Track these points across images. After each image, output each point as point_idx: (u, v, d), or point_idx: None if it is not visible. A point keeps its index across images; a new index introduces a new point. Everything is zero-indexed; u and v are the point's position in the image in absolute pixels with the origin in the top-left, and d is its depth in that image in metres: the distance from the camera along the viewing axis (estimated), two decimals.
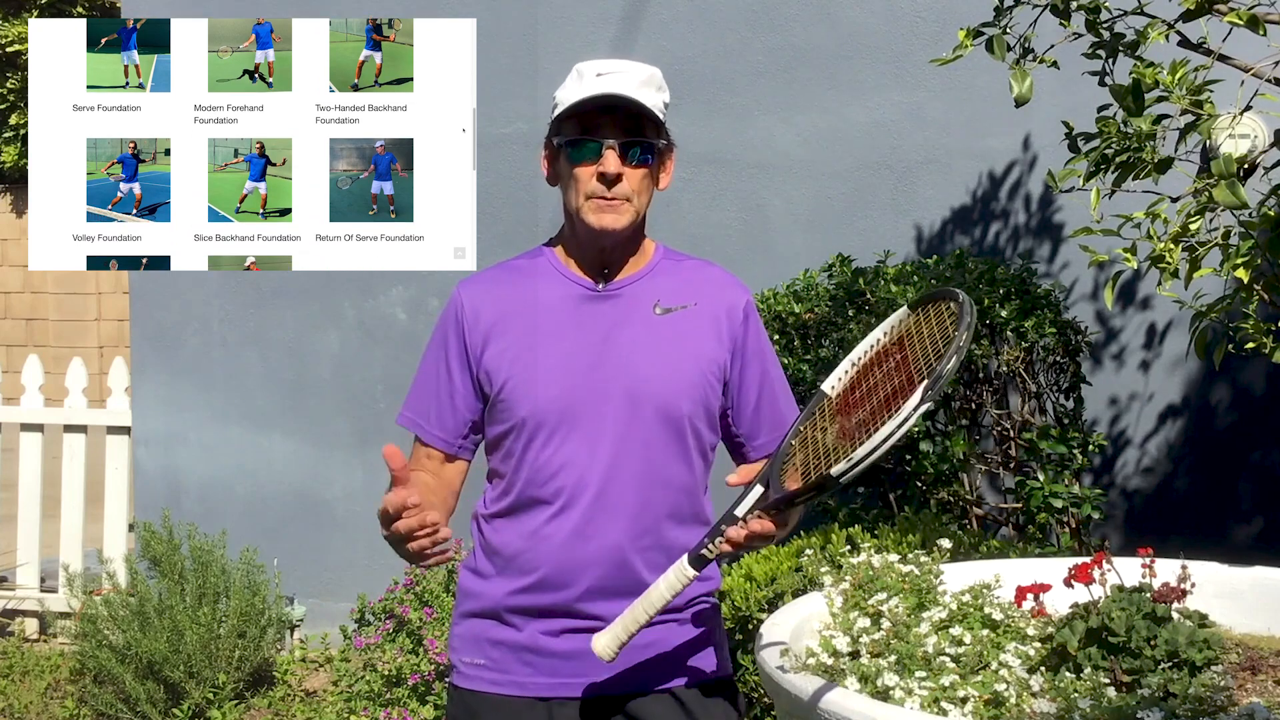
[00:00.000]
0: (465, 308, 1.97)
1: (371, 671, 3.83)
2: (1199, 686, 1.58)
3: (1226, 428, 4.06)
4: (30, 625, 5.24)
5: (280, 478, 5.11)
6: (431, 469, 1.99)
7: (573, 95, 1.88)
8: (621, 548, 1.88)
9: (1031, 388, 3.60)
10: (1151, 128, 2.32)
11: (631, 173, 1.89)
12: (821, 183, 4.44)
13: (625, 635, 1.72)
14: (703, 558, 1.70)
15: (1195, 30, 2.52)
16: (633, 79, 1.88)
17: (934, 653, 1.67)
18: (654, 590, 1.71)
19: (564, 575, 1.89)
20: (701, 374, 1.94)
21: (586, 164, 1.88)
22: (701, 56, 4.53)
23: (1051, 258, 4.17)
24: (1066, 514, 3.36)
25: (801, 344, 3.74)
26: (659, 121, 1.91)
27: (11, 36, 10.12)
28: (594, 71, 1.89)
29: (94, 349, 10.28)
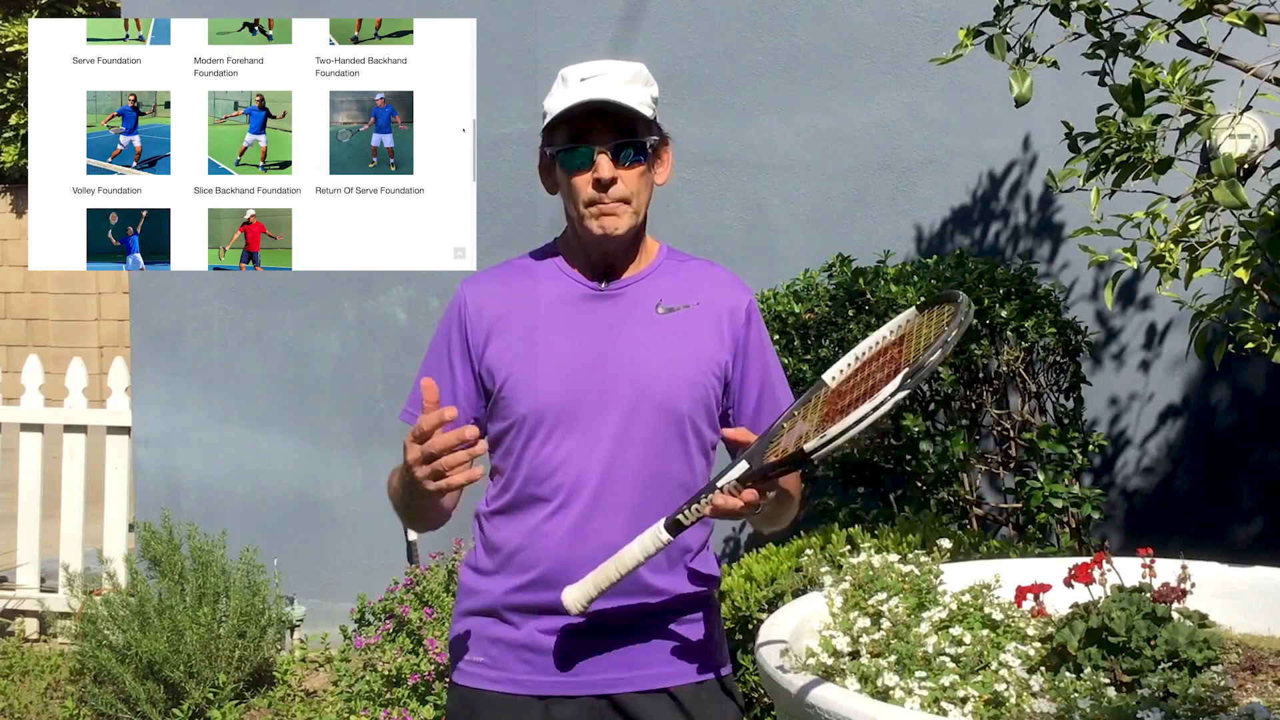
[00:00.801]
0: (468, 305, 1.97)
1: (371, 671, 3.83)
2: (1199, 687, 1.58)
3: (1226, 428, 4.06)
4: (30, 625, 5.24)
5: (280, 478, 5.11)
6: None
7: (559, 103, 1.87)
8: (620, 546, 1.86)
9: (1031, 388, 3.60)
10: (1151, 128, 2.32)
11: (626, 174, 1.88)
12: (822, 183, 4.43)
13: (595, 590, 1.75)
14: (678, 523, 1.72)
15: (1195, 30, 2.52)
16: (617, 79, 1.88)
17: (934, 653, 1.67)
18: (627, 551, 1.74)
19: (562, 573, 1.88)
20: (703, 373, 1.93)
21: (580, 172, 1.88)
22: (701, 56, 4.53)
23: (1051, 258, 4.17)
24: (1066, 514, 3.36)
25: (801, 344, 3.74)
26: (648, 119, 1.90)
27: (11, 36, 10.11)
28: (578, 76, 1.88)
29: (94, 349, 10.27)
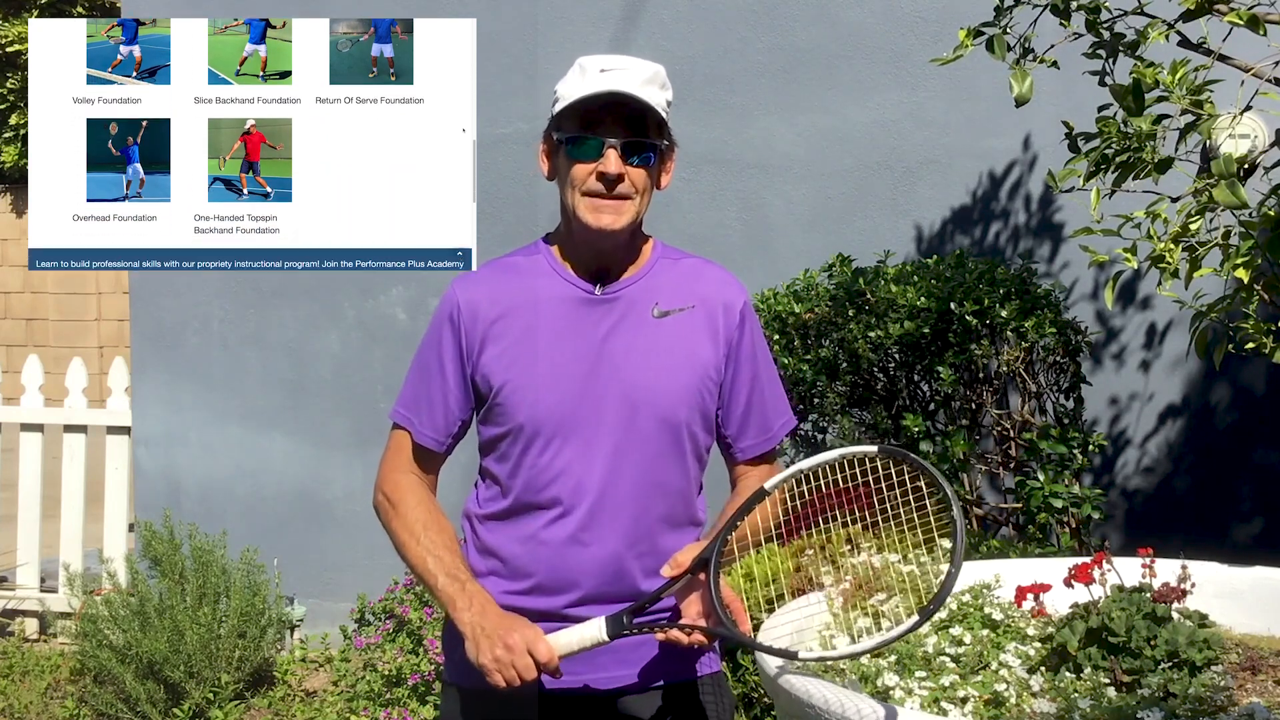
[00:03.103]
0: (462, 307, 1.95)
1: (372, 671, 3.83)
2: (1199, 686, 1.59)
3: (1227, 428, 4.05)
4: (30, 625, 5.23)
5: (280, 478, 5.10)
6: (418, 471, 2.01)
7: (575, 90, 1.84)
8: (619, 555, 1.88)
9: (1031, 388, 3.59)
10: (1151, 128, 2.32)
11: (633, 173, 1.86)
12: (822, 183, 4.43)
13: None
14: (621, 634, 1.74)
15: (1195, 30, 2.52)
16: (637, 76, 1.84)
17: (934, 653, 1.68)
18: (564, 636, 1.76)
19: (560, 581, 1.88)
20: (699, 379, 1.92)
21: (587, 162, 1.85)
22: (701, 56, 4.52)
23: (1052, 258, 4.17)
24: (1066, 514, 3.35)
25: (801, 344, 3.74)
26: (662, 121, 1.87)
27: (11, 36, 10.10)
28: (597, 67, 1.85)
29: (94, 349, 10.27)
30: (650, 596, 1.77)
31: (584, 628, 1.75)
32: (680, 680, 1.96)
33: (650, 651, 1.93)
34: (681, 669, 1.96)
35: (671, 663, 1.94)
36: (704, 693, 1.97)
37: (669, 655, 1.93)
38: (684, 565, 1.76)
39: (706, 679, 1.99)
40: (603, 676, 1.92)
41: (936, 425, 3.64)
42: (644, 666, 1.93)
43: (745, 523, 1.83)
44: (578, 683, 1.90)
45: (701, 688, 1.97)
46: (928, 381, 3.66)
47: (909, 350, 3.60)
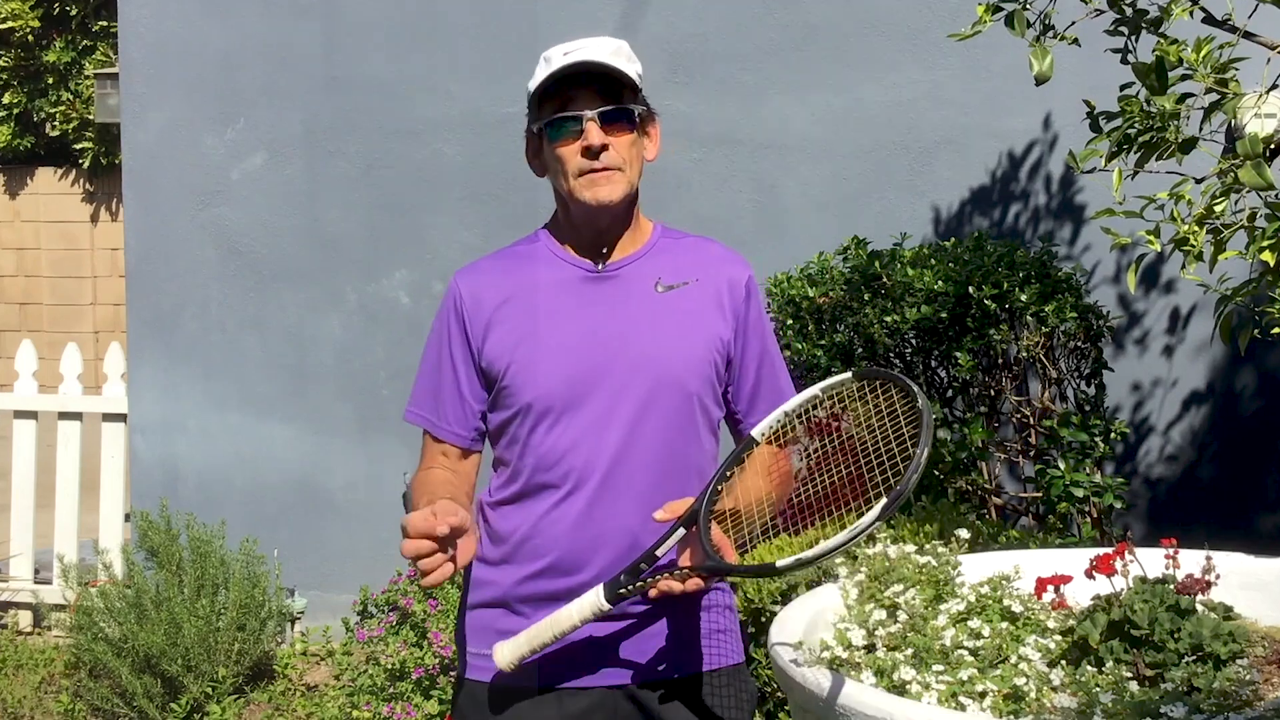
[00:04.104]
0: (464, 297, 1.96)
1: (374, 665, 3.83)
2: (1224, 680, 1.58)
3: (1252, 414, 4.05)
4: (24, 618, 5.24)
5: (281, 466, 5.07)
6: (448, 465, 2.00)
7: (544, 75, 1.89)
8: (632, 530, 1.87)
9: (1052, 374, 3.58)
10: (1175, 107, 2.30)
11: (617, 140, 1.88)
12: (836, 163, 4.41)
13: (527, 649, 1.76)
14: (619, 595, 1.72)
15: (1220, 6, 2.51)
16: (601, 50, 1.88)
17: (952, 646, 1.68)
18: (564, 613, 1.74)
19: (574, 559, 1.88)
20: (707, 350, 1.93)
21: (569, 140, 1.88)
22: (713, 33, 4.49)
23: (1073, 240, 4.15)
24: (1088, 503, 3.34)
25: (816, 328, 3.71)
26: (635, 86, 1.90)
27: (4, 14, 10.02)
28: (560, 52, 1.89)
29: (89, 334, 10.24)
30: (645, 554, 1.75)
31: (583, 599, 1.74)
32: (702, 671, 1.95)
33: (672, 644, 1.93)
34: (703, 660, 1.95)
35: (693, 654, 1.94)
36: (727, 683, 1.97)
37: (690, 647, 1.93)
38: (677, 511, 1.75)
39: (729, 669, 1.98)
40: (623, 669, 1.91)
41: (954, 412, 3.65)
42: (665, 658, 1.92)
43: (752, 490, 1.82)
44: (597, 676, 1.90)
45: (724, 678, 1.97)
46: (945, 367, 3.64)
47: (926, 335, 3.59)
